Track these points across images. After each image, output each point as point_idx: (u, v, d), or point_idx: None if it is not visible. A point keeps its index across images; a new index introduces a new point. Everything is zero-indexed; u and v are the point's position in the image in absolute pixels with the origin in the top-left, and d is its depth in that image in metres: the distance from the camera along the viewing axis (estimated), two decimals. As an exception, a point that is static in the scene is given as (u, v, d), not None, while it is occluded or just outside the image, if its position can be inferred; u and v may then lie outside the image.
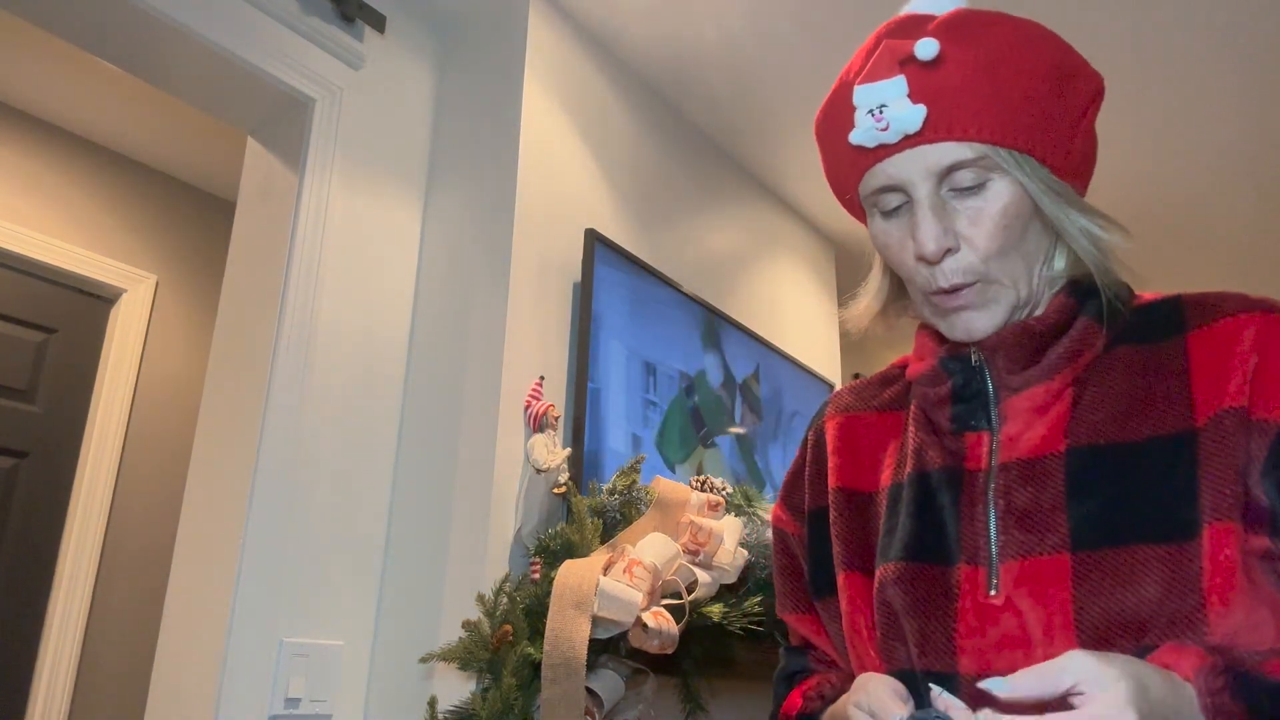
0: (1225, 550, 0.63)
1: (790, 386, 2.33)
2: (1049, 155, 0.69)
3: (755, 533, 1.63)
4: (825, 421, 0.89)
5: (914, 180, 0.70)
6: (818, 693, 0.84)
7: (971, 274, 0.71)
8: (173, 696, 1.51)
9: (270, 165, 1.77)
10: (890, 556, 0.76)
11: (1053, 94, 0.69)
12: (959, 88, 0.68)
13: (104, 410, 2.46)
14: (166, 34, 1.54)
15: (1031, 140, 0.68)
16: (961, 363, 0.76)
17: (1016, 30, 0.71)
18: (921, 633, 0.72)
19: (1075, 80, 0.71)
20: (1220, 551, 0.63)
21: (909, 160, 0.70)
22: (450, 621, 1.48)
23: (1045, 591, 0.68)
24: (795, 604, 0.90)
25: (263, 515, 1.48)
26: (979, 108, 0.68)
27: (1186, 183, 2.51)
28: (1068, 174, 0.71)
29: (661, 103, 2.18)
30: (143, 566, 2.48)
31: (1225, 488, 0.65)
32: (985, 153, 0.68)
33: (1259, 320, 0.69)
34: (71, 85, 2.33)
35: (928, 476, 0.77)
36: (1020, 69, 0.69)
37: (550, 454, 1.51)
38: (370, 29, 1.81)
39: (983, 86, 0.68)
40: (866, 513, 0.82)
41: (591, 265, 1.72)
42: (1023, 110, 0.68)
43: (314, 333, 1.61)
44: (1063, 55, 0.71)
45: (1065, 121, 0.70)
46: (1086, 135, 0.72)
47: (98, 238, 2.53)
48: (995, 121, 0.68)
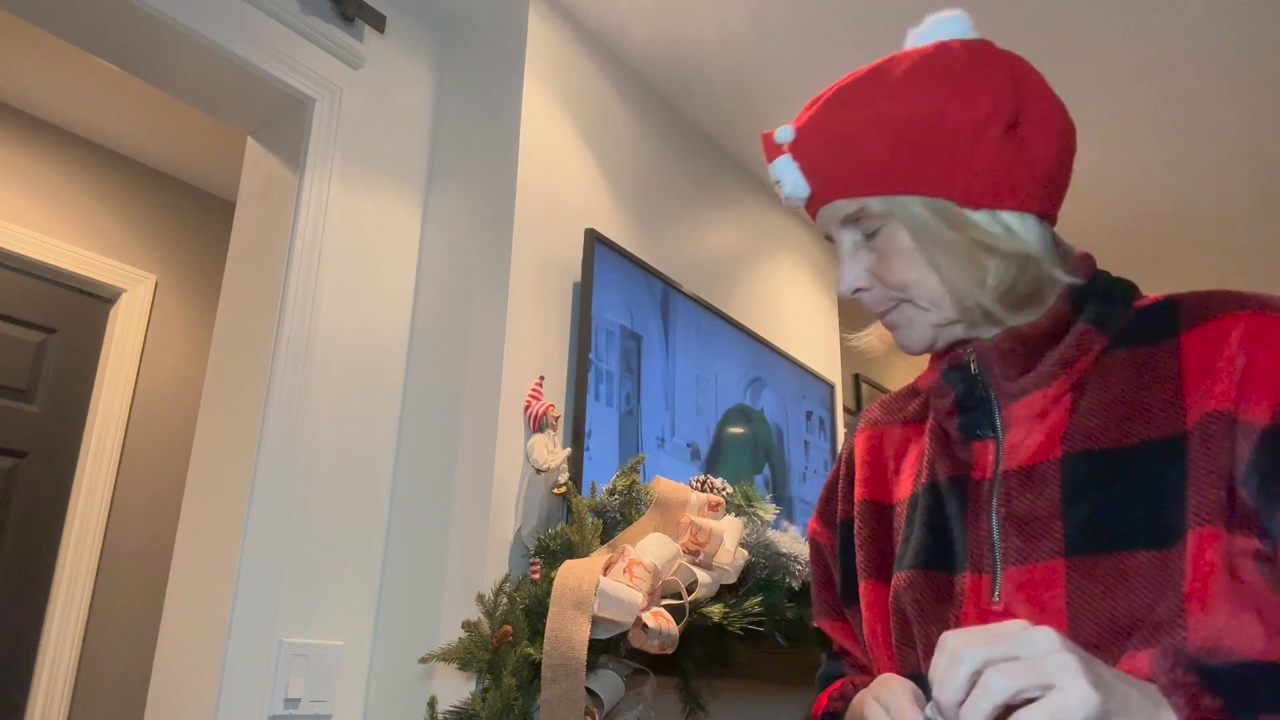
0: (1206, 554, 0.64)
1: (790, 386, 2.33)
2: (935, 188, 0.73)
3: (755, 533, 1.63)
4: (856, 435, 0.92)
5: (832, 230, 0.80)
6: (840, 693, 0.87)
7: (888, 302, 0.78)
8: (172, 696, 1.51)
9: (270, 165, 1.77)
10: (903, 565, 0.79)
11: (921, 134, 0.73)
12: (820, 157, 0.76)
13: (104, 410, 2.46)
14: (166, 34, 1.54)
15: (904, 181, 0.73)
16: (962, 372, 0.79)
17: (872, 87, 0.76)
18: (928, 639, 0.74)
19: (948, 112, 0.73)
20: (1201, 556, 0.64)
21: (824, 215, 0.80)
22: (450, 621, 1.48)
23: (1041, 598, 0.69)
24: (829, 612, 0.96)
25: (262, 515, 1.48)
26: (839, 170, 0.75)
27: (1186, 179, 2.51)
28: (978, 195, 0.73)
29: (661, 103, 2.18)
30: (142, 566, 2.48)
31: (1209, 492, 0.65)
32: (862, 204, 0.75)
33: (1246, 319, 0.69)
34: (71, 85, 2.33)
35: (938, 486, 0.79)
36: (868, 125, 0.74)
37: (550, 454, 1.51)
38: (370, 29, 1.81)
39: (839, 151, 0.75)
40: (887, 523, 0.85)
41: (591, 265, 1.72)
42: (883, 161, 0.73)
43: (314, 332, 1.61)
44: (925, 96, 0.73)
45: (947, 152, 0.72)
46: (998, 150, 0.72)
47: (98, 238, 2.53)
48: (857, 178, 0.75)
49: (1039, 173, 0.74)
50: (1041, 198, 0.75)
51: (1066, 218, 0.89)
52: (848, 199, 0.76)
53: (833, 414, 2.51)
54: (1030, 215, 0.75)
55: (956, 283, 0.74)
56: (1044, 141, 0.74)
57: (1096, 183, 2.52)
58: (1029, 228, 0.74)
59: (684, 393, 1.92)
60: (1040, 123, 0.74)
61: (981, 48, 0.77)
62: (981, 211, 0.73)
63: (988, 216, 0.73)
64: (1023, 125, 0.74)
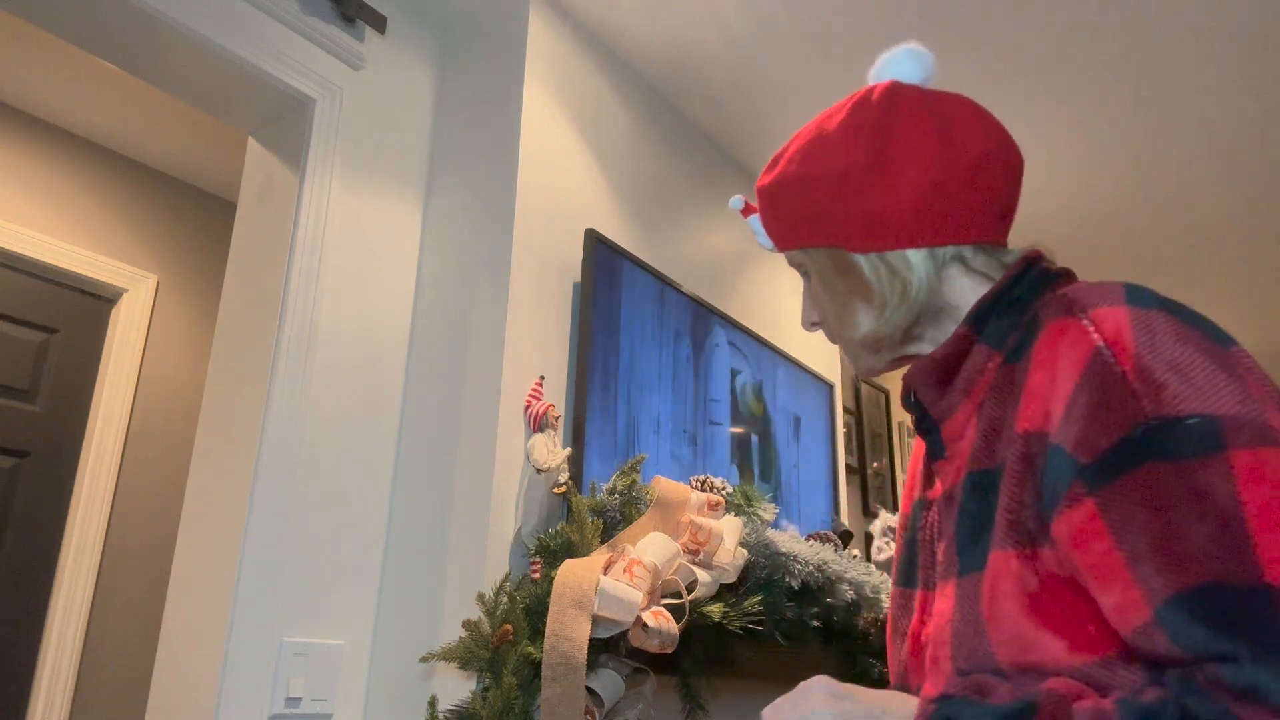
0: (998, 575, 0.67)
1: (790, 387, 2.33)
2: (826, 238, 0.80)
3: (755, 532, 1.63)
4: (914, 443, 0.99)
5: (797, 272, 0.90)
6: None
7: (833, 337, 0.86)
8: (174, 695, 1.51)
9: (270, 165, 1.78)
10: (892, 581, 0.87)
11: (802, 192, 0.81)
12: (762, 214, 0.88)
13: (105, 410, 2.46)
14: (166, 34, 1.54)
15: (804, 234, 0.82)
16: (909, 401, 0.83)
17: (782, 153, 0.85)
18: (893, 652, 0.83)
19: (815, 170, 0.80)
20: (995, 577, 0.67)
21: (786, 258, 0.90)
22: (450, 621, 1.48)
23: (942, 617, 0.73)
24: None
25: (263, 515, 1.48)
26: (769, 227, 0.87)
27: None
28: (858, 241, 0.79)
29: (661, 103, 2.18)
30: (144, 566, 2.49)
31: (1005, 514, 0.67)
32: (793, 257, 0.87)
33: (1048, 330, 0.68)
34: (71, 85, 2.33)
35: (916, 504, 0.85)
36: (776, 188, 0.84)
37: (550, 454, 1.51)
38: (370, 29, 1.82)
39: (766, 212, 0.87)
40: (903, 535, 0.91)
41: (591, 265, 1.72)
42: (786, 219, 0.84)
43: (314, 333, 1.61)
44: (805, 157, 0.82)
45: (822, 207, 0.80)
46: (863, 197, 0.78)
47: (98, 238, 2.53)
48: (778, 234, 0.86)
49: (907, 210, 0.77)
50: (925, 230, 0.77)
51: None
52: (783, 251, 0.87)
53: (833, 414, 2.51)
54: (919, 249, 0.78)
55: (835, 321, 0.83)
56: (907, 180, 0.77)
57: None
58: (913, 263, 0.78)
59: (682, 392, 1.92)
60: (903, 162, 0.77)
61: (873, 98, 0.81)
62: (869, 255, 0.79)
63: (870, 260, 0.79)
64: (881, 171, 0.77)
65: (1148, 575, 0.58)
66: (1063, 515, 0.63)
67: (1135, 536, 0.58)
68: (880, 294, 0.78)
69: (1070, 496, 0.62)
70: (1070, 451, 0.63)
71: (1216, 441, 0.58)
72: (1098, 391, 0.62)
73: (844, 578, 1.78)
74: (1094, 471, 0.61)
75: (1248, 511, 0.55)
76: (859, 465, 3.20)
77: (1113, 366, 0.62)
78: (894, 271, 0.78)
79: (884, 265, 0.78)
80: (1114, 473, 0.60)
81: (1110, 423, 0.61)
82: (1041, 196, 2.59)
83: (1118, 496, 0.60)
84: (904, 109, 0.80)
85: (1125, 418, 0.61)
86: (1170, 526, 0.57)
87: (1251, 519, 0.55)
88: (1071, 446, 0.63)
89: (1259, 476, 0.56)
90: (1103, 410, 0.61)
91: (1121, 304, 0.65)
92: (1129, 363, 0.62)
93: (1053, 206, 2.63)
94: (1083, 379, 0.63)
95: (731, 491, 1.71)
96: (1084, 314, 0.66)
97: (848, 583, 1.79)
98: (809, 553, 1.70)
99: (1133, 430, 0.60)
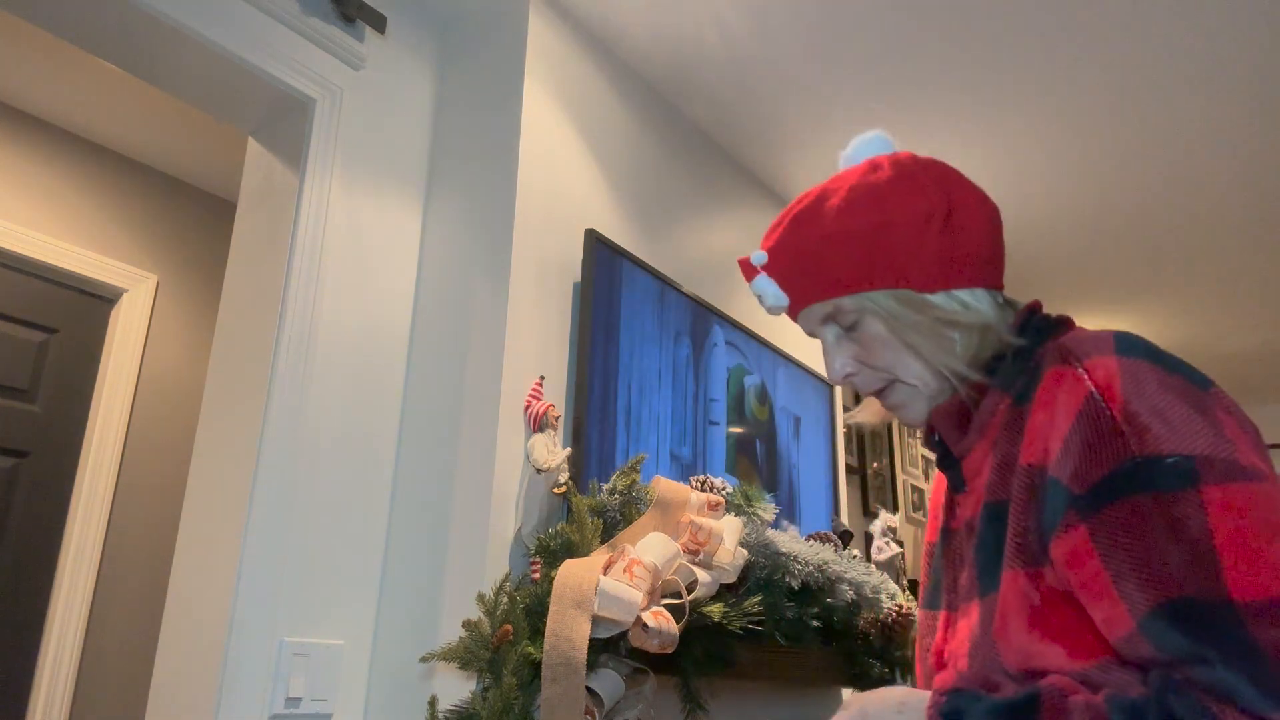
0: (1007, 593, 0.76)
1: (790, 387, 2.33)
2: (896, 281, 0.86)
3: (755, 532, 1.63)
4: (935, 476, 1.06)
5: (814, 330, 0.95)
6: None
7: (879, 382, 0.91)
8: (174, 695, 1.51)
9: (270, 165, 1.78)
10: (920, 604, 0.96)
11: (874, 239, 0.86)
12: (790, 272, 0.91)
13: (104, 410, 2.46)
14: (166, 34, 1.54)
15: (866, 279, 0.87)
16: (933, 440, 0.92)
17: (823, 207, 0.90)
18: (921, 668, 0.92)
19: (893, 217, 0.86)
20: (1005, 595, 0.76)
21: (803, 317, 0.94)
22: (450, 621, 1.48)
23: (962, 634, 0.83)
24: None
25: (263, 515, 1.48)
26: (810, 280, 0.90)
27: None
28: (932, 280, 0.86)
29: (661, 103, 2.18)
30: (144, 566, 2.49)
31: (1016, 539, 0.76)
32: (836, 304, 0.89)
33: (1047, 376, 0.78)
34: (71, 85, 2.33)
35: (940, 533, 0.94)
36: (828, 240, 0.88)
37: (550, 454, 1.51)
38: (370, 29, 1.82)
39: (806, 266, 0.90)
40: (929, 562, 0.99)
41: (592, 265, 1.72)
42: (845, 266, 0.87)
43: (314, 333, 1.61)
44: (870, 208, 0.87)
45: (900, 250, 0.86)
46: (939, 241, 0.86)
47: (98, 238, 2.53)
48: (827, 284, 0.89)
49: (976, 252, 0.87)
50: (984, 273, 0.88)
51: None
52: (821, 302, 0.90)
53: (832, 415, 2.51)
54: (980, 289, 0.87)
55: (931, 356, 0.86)
56: (976, 226, 0.87)
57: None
58: (980, 299, 0.87)
59: (682, 391, 1.92)
60: (968, 212, 0.87)
61: (905, 160, 0.91)
62: (938, 293, 0.86)
63: (944, 296, 0.86)
64: (955, 216, 0.87)
65: (1130, 591, 0.67)
66: (1059, 538, 0.72)
67: (1120, 558, 0.68)
68: (961, 323, 0.86)
69: (1065, 522, 0.72)
70: (1066, 483, 0.72)
71: (1191, 478, 0.67)
72: (1090, 432, 0.71)
73: (844, 578, 1.78)
74: (1086, 501, 0.70)
75: (1217, 539, 0.65)
76: (859, 465, 3.20)
77: (1103, 410, 0.72)
78: (967, 306, 0.87)
79: (956, 301, 0.86)
80: (1103, 502, 0.69)
81: (1101, 459, 0.70)
82: (1031, 201, 2.59)
83: (1106, 523, 0.69)
84: (945, 169, 0.90)
85: (1114, 455, 0.70)
86: (1150, 550, 0.67)
87: (1220, 545, 0.65)
88: (1067, 478, 0.72)
89: (1227, 508, 0.66)
90: (1094, 448, 0.71)
91: (1111, 354, 0.75)
92: (1117, 407, 0.71)
93: (1043, 211, 2.63)
94: (1078, 420, 0.73)
95: (731, 491, 1.71)
96: (1079, 363, 0.75)
97: (848, 583, 1.79)
98: (809, 553, 1.70)
99: (1120, 466, 0.69)
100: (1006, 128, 2.28)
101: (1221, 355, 3.74)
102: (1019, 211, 2.64)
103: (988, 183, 2.51)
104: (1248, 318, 3.40)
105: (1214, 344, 3.64)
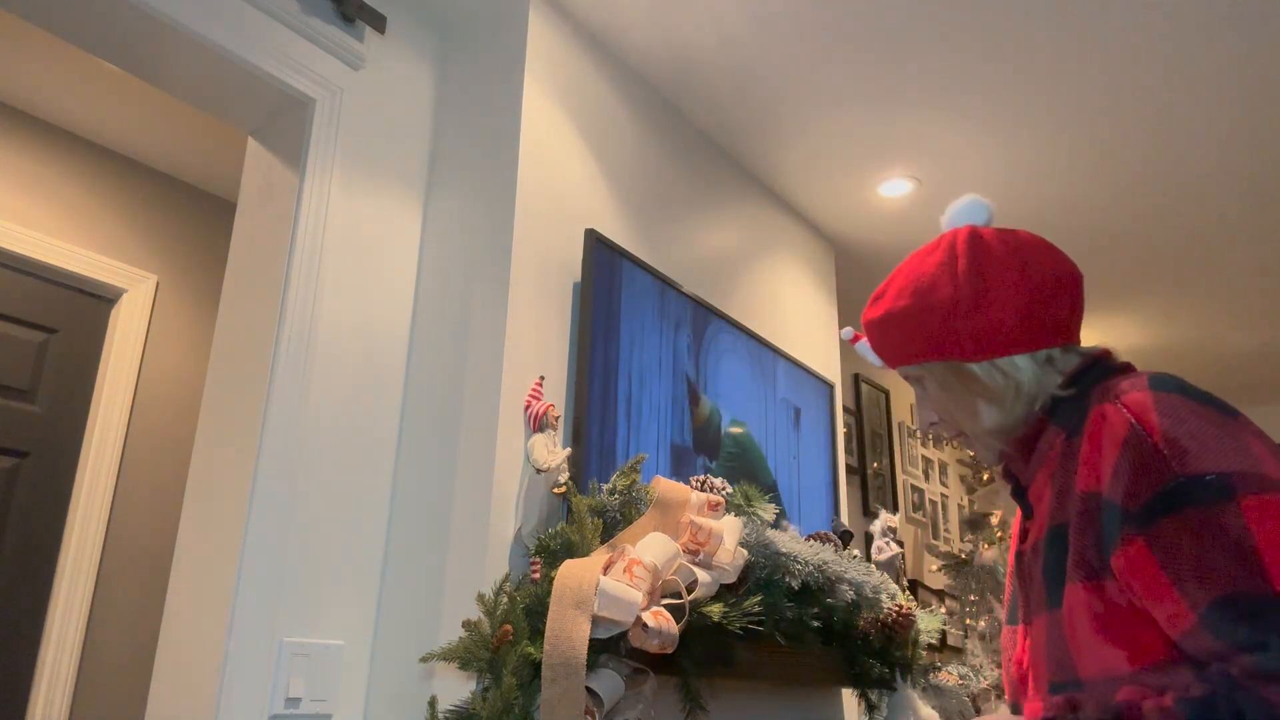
0: (1074, 604, 0.87)
1: (790, 386, 2.33)
2: (941, 354, 1.01)
3: (755, 532, 1.63)
4: None
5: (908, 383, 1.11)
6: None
7: (953, 429, 1.07)
8: (173, 695, 1.51)
9: (270, 165, 1.78)
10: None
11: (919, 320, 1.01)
12: (872, 343, 1.09)
13: (104, 410, 2.46)
14: (166, 34, 1.54)
15: (921, 352, 1.02)
16: (1007, 473, 1.05)
17: (887, 290, 1.06)
18: (1007, 677, 1.04)
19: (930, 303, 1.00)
20: (1071, 606, 0.87)
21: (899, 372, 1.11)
22: (450, 621, 1.48)
23: (1037, 645, 0.94)
24: None
25: (263, 515, 1.48)
26: (884, 351, 1.08)
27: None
28: (972, 352, 0.99)
29: (661, 103, 2.18)
30: (143, 566, 2.49)
31: (1076, 556, 0.87)
32: (908, 371, 1.07)
33: (1093, 413, 0.89)
34: (71, 85, 2.33)
35: (1017, 555, 1.05)
36: (889, 319, 1.04)
37: (550, 454, 1.51)
38: (370, 29, 1.82)
39: (878, 339, 1.07)
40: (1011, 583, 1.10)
41: (591, 265, 1.72)
42: (903, 341, 1.03)
43: (314, 333, 1.61)
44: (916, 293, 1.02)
45: (939, 329, 1.00)
46: (971, 320, 0.98)
47: (98, 238, 2.53)
48: (893, 354, 1.06)
49: (1005, 327, 0.98)
50: (1024, 339, 0.98)
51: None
52: (896, 368, 1.08)
53: (832, 414, 2.51)
54: (1020, 355, 0.99)
55: (963, 418, 1.03)
56: (1004, 304, 0.98)
57: (1088, 187, 2.52)
58: (1019, 366, 0.99)
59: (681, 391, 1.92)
60: (997, 290, 0.98)
61: (956, 243, 1.03)
62: (981, 363, 0.99)
63: (985, 366, 1.00)
64: (983, 298, 0.98)
65: (1191, 591, 0.77)
66: (1119, 552, 0.83)
67: (1179, 563, 0.78)
68: (998, 391, 0.99)
69: (1123, 537, 0.82)
70: (1120, 503, 0.83)
71: (1229, 492, 0.78)
72: (1136, 457, 0.83)
73: (844, 578, 1.78)
74: (1140, 517, 0.81)
75: (1259, 541, 0.75)
76: (859, 465, 3.20)
77: (1145, 437, 0.83)
78: (1006, 374, 0.99)
79: (997, 370, 0.99)
80: (1156, 517, 0.80)
81: (1149, 480, 0.81)
82: (1031, 201, 2.59)
83: (1161, 534, 0.80)
84: (988, 249, 1.01)
85: (1159, 475, 0.81)
86: (1203, 554, 0.77)
87: (1261, 546, 0.75)
88: (1120, 499, 0.83)
89: (1264, 515, 0.76)
90: (1142, 471, 0.82)
91: (1146, 389, 0.87)
92: (1157, 434, 0.83)
93: (1043, 212, 2.63)
94: (1124, 448, 0.84)
95: (731, 492, 1.71)
96: (1118, 399, 0.87)
97: (848, 583, 1.79)
98: (809, 553, 1.70)
99: (1166, 485, 0.80)
100: (1007, 130, 2.28)
101: (1221, 355, 3.74)
102: (1018, 212, 2.64)
103: (988, 184, 2.51)
104: (1248, 318, 3.40)
105: (1214, 344, 3.64)
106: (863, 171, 2.48)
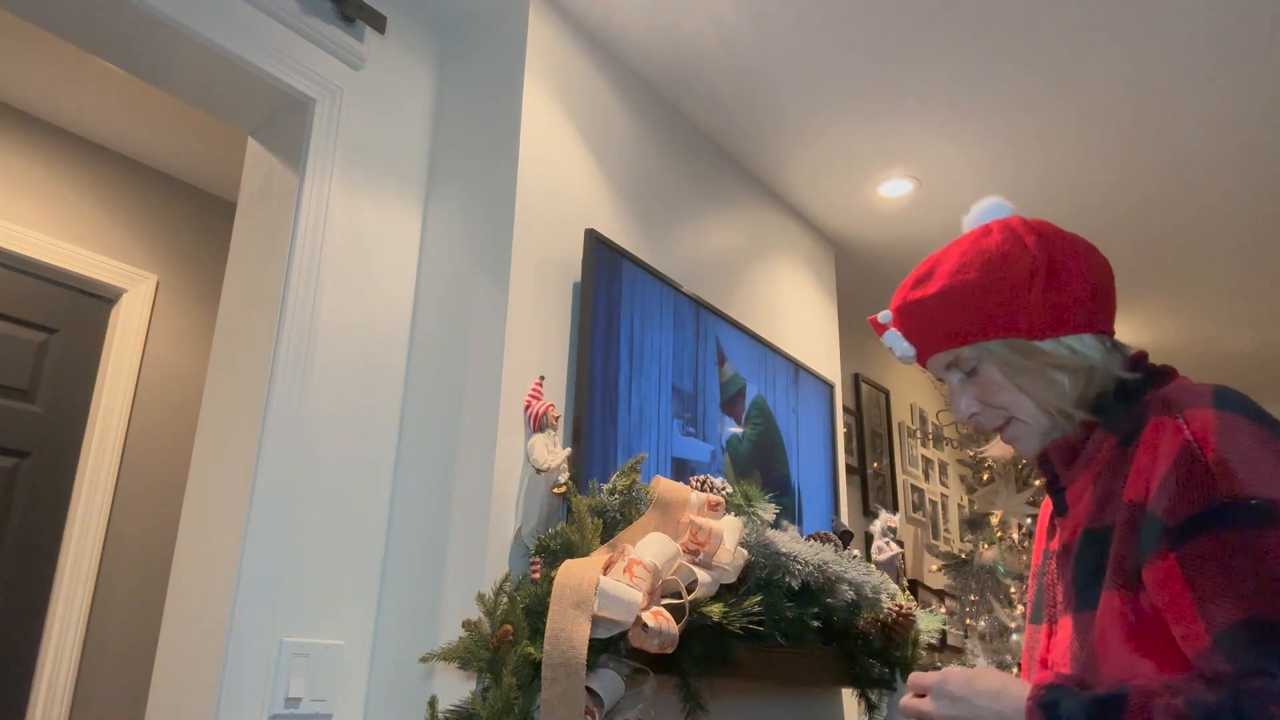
0: (1106, 612, 0.88)
1: (789, 385, 2.33)
2: (1007, 331, 0.98)
3: (755, 532, 1.63)
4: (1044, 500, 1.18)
5: (940, 374, 1.07)
6: None
7: (999, 419, 1.03)
8: (174, 695, 1.51)
9: (270, 165, 1.78)
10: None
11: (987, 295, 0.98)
12: (915, 326, 1.04)
13: (105, 410, 2.46)
14: (166, 34, 1.54)
15: (981, 331, 0.99)
16: (1045, 466, 1.03)
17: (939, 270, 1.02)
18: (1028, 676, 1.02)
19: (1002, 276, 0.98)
20: (1104, 614, 0.88)
21: (931, 364, 1.06)
22: (450, 621, 1.48)
23: (1062, 643, 0.94)
24: None
25: (263, 515, 1.48)
26: (933, 333, 1.02)
27: (1167, 173, 2.51)
28: (1040, 329, 0.97)
29: (661, 103, 2.18)
30: (144, 566, 2.49)
31: (1116, 563, 0.87)
32: (956, 353, 1.02)
33: (1151, 424, 0.89)
34: (71, 85, 2.33)
35: (1044, 554, 1.05)
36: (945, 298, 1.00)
37: (550, 454, 1.51)
38: (370, 29, 1.82)
39: (928, 320, 1.02)
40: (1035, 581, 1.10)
41: (592, 265, 1.72)
42: (963, 320, 0.99)
43: (314, 333, 1.61)
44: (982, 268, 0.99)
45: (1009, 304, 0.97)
46: (1045, 294, 0.97)
47: (98, 238, 2.53)
48: (948, 335, 1.01)
49: (1080, 303, 0.97)
50: (1089, 320, 0.98)
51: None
52: (944, 351, 1.02)
53: (832, 414, 2.51)
54: (1087, 335, 0.98)
55: (1040, 397, 0.98)
56: (1079, 281, 0.98)
57: (1101, 189, 2.52)
58: (1087, 345, 0.98)
59: (682, 389, 1.92)
60: (1071, 266, 0.98)
61: (1013, 223, 1.02)
62: (1047, 340, 0.97)
63: (1053, 343, 0.97)
64: (1058, 271, 0.97)
65: (1210, 612, 0.78)
66: (1151, 565, 0.84)
67: (1204, 583, 0.79)
68: (1072, 365, 0.97)
69: (1157, 552, 0.83)
70: (1160, 517, 0.84)
71: (1271, 518, 0.78)
72: (1185, 475, 0.83)
73: (844, 578, 1.78)
74: (1176, 534, 0.82)
75: None
76: (859, 465, 3.20)
77: (1198, 456, 0.83)
78: (1075, 351, 0.98)
79: (1064, 347, 0.98)
80: (1191, 535, 0.81)
81: (1192, 498, 0.82)
82: (1031, 201, 2.59)
83: (1192, 553, 0.80)
84: (1051, 232, 1.00)
85: (1203, 495, 0.81)
86: (1230, 577, 0.78)
87: None
88: (1161, 513, 0.84)
89: None
90: (1187, 488, 0.82)
91: (1209, 407, 0.86)
92: (1212, 455, 0.83)
93: (1043, 212, 2.63)
94: (1174, 464, 0.84)
95: (731, 492, 1.71)
96: (1179, 414, 0.87)
97: (848, 583, 1.79)
98: (809, 553, 1.70)
99: (1209, 505, 0.81)
100: (1008, 128, 2.28)
101: (1221, 355, 3.74)
102: (1018, 212, 2.64)
103: (988, 183, 2.51)
104: (1248, 318, 3.40)
105: (1214, 344, 3.64)
106: (863, 171, 2.48)
